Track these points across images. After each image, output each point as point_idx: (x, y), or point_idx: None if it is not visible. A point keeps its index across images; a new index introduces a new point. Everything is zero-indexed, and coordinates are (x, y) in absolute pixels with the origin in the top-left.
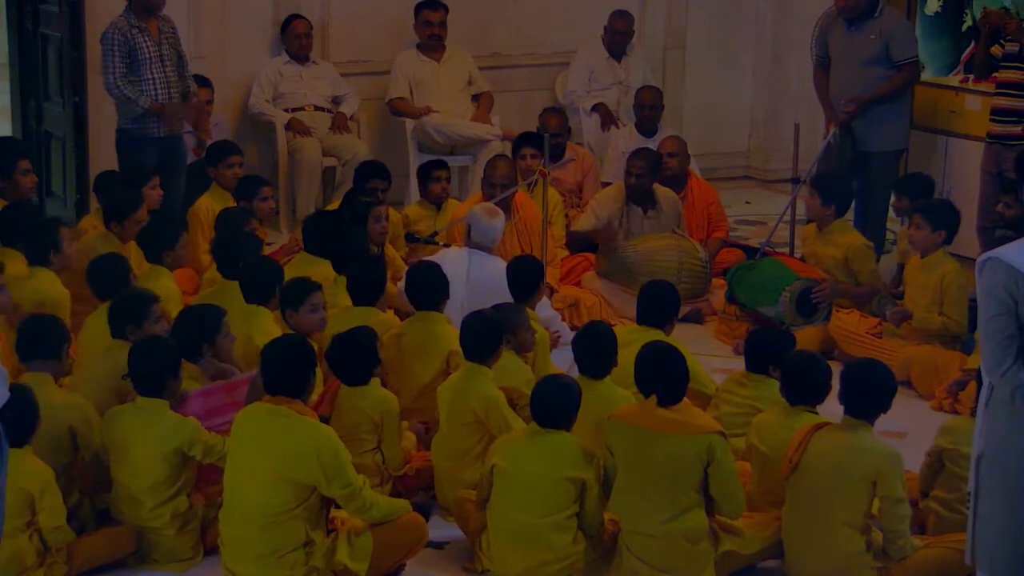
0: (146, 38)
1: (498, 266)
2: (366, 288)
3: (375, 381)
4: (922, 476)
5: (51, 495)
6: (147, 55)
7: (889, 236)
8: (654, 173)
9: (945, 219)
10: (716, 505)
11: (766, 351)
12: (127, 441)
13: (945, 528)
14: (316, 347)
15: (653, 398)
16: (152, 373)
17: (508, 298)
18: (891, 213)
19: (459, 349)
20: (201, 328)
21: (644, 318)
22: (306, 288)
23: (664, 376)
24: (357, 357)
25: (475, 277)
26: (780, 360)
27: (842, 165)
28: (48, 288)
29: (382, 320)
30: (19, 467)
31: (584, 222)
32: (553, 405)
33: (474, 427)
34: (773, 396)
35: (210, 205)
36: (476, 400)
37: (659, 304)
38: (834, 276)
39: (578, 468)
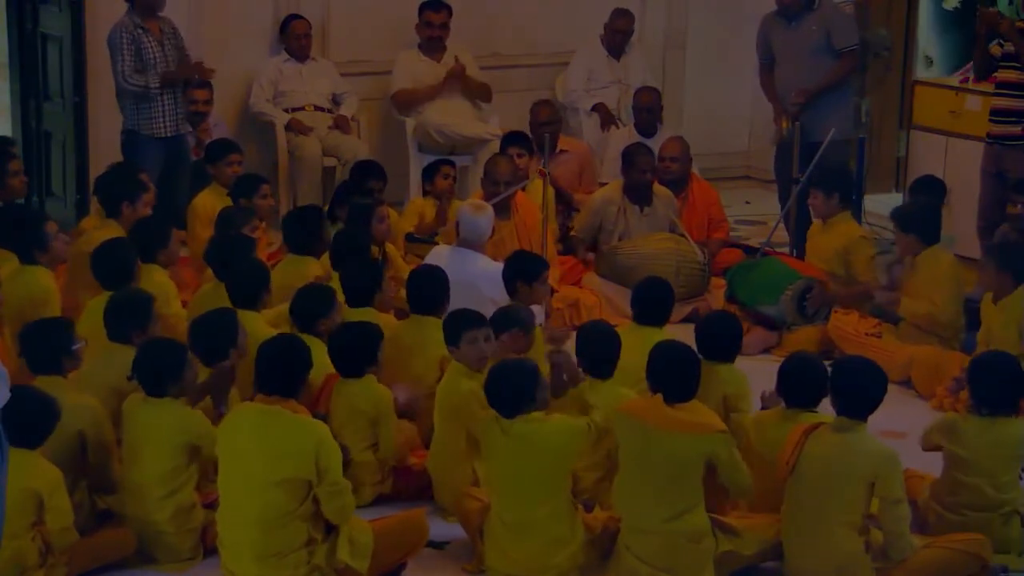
0: (150, 38)
1: (481, 265)
2: (361, 288)
3: (369, 376)
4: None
5: (59, 497)
6: (151, 55)
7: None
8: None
9: (910, 221)
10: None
11: (716, 335)
12: (137, 432)
13: (945, 528)
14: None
15: (660, 395)
16: (156, 376)
17: (486, 300)
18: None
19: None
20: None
21: (640, 317)
22: (332, 299)
23: (674, 374)
24: (360, 347)
25: (456, 276)
26: (736, 341)
27: (789, 158)
28: (35, 282)
29: (380, 321)
30: (28, 467)
31: (582, 222)
32: (505, 390)
33: (462, 426)
34: (732, 378)
35: (209, 202)
36: (458, 396)
37: (655, 302)
38: (832, 269)
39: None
